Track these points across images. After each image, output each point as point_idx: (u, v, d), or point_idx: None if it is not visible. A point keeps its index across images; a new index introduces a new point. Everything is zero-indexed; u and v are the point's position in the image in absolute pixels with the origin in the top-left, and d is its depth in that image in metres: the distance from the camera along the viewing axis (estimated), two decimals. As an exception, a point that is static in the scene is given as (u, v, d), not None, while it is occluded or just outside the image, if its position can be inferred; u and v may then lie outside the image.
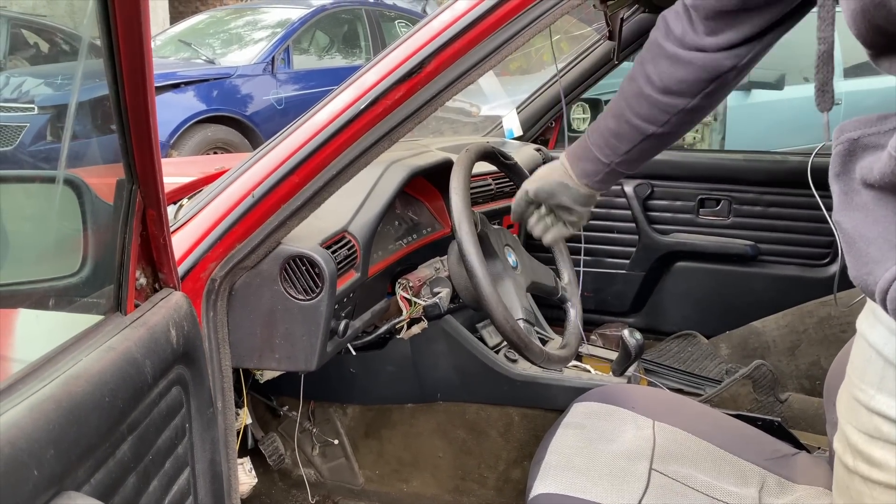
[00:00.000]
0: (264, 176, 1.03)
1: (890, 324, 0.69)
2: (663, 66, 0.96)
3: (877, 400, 0.71)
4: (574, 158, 1.13)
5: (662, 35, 0.96)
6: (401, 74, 0.99)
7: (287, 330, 1.12)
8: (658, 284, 2.37)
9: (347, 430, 1.75)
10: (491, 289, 1.14)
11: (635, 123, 1.01)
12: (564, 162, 1.14)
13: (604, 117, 1.07)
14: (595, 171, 1.10)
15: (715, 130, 4.46)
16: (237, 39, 5.72)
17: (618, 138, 1.04)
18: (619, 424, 1.41)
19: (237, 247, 1.08)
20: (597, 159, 1.08)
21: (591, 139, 1.09)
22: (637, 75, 0.99)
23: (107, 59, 0.62)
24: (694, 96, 0.97)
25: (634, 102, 1.00)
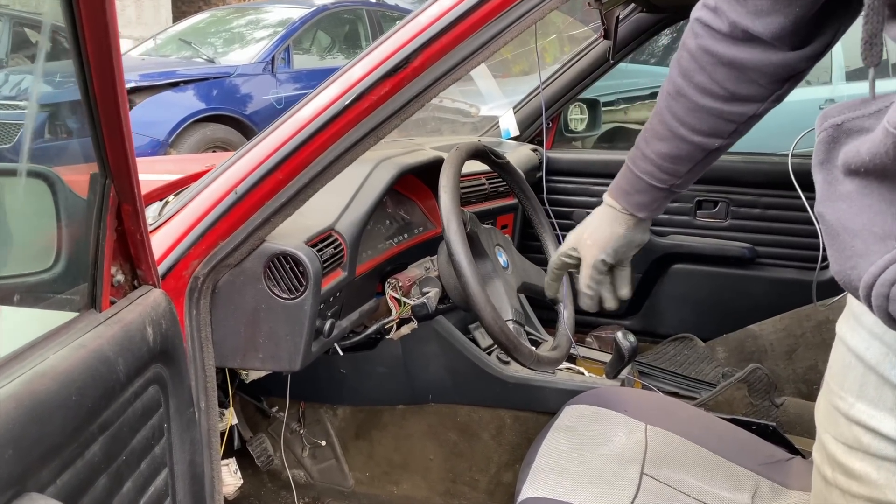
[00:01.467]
0: (247, 172, 1.01)
1: (872, 327, 0.66)
2: (721, 73, 0.85)
3: (857, 409, 0.67)
4: (622, 195, 1.00)
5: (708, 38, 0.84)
6: (386, 70, 0.97)
7: (271, 329, 1.10)
8: (655, 287, 2.34)
9: (337, 432, 1.73)
10: (479, 289, 1.12)
11: (697, 141, 0.91)
12: (613, 204, 1.01)
13: (647, 141, 0.96)
14: (653, 200, 0.99)
15: (715, 133, 4.44)
16: (238, 38, 5.71)
17: (675, 160, 0.94)
18: (611, 428, 1.39)
19: (220, 244, 1.06)
20: (652, 188, 0.97)
21: (640, 168, 0.97)
22: (684, 88, 0.88)
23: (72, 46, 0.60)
24: (765, 100, 0.87)
25: (691, 118, 0.89)
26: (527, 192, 1.45)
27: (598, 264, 1.03)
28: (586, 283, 1.05)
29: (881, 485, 0.66)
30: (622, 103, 4.17)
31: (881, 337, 0.65)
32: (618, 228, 1.01)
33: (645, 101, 4.26)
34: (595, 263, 1.03)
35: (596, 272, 1.04)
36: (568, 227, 2.36)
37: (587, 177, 2.34)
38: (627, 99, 4.18)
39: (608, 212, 1.02)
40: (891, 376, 0.64)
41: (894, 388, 0.64)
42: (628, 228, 1.01)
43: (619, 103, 4.16)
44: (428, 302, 1.26)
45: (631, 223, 1.01)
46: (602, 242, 1.02)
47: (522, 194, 1.45)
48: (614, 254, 1.03)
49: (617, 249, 1.03)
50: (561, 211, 2.38)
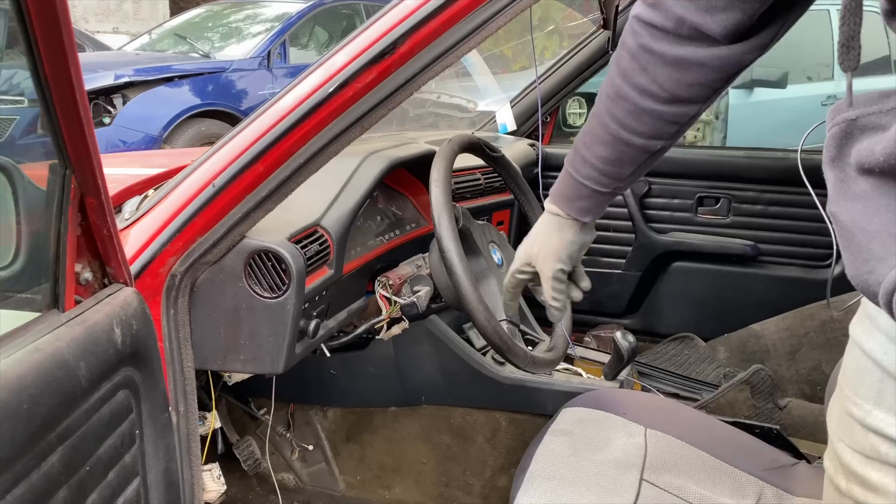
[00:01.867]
0: (226, 165, 0.96)
1: (889, 330, 0.62)
2: (662, 73, 0.81)
3: (873, 416, 0.63)
4: (565, 201, 0.97)
5: (648, 37, 0.81)
6: (372, 55, 0.92)
7: (252, 330, 1.05)
8: (655, 285, 2.29)
9: (327, 434, 1.68)
10: (471, 288, 1.07)
11: (639, 144, 0.87)
12: (557, 211, 0.98)
13: (587, 145, 0.92)
14: (596, 204, 0.96)
15: (716, 129, 4.40)
16: (234, 33, 5.65)
17: (617, 164, 0.90)
18: (609, 431, 1.34)
19: (198, 240, 1.01)
20: (594, 192, 0.94)
21: (581, 173, 0.93)
22: (624, 90, 0.84)
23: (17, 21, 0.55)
24: (707, 99, 0.84)
25: (632, 121, 0.86)
26: (522, 187, 1.40)
27: (557, 274, 1.00)
28: (551, 294, 1.02)
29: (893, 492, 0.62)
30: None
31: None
32: (566, 235, 0.99)
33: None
34: (555, 274, 1.00)
35: (557, 282, 1.01)
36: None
37: (586, 172, 2.28)
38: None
39: (553, 220, 0.99)
40: None
41: None
42: (576, 233, 0.99)
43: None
44: (418, 301, 1.20)
45: (577, 227, 0.98)
46: (555, 252, 0.99)
47: (518, 189, 1.40)
48: (569, 260, 1.01)
49: (571, 255, 1.00)
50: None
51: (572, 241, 0.99)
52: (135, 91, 4.58)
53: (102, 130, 4.42)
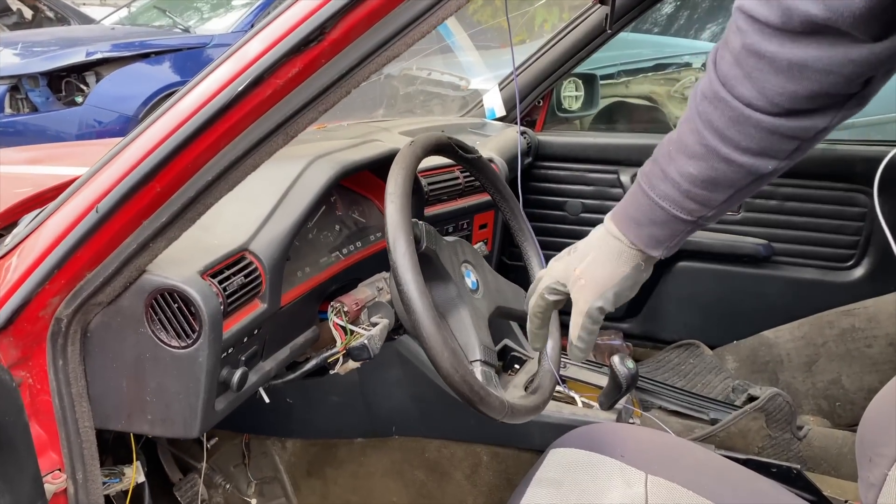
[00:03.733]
0: (112, 184, 0.75)
1: None
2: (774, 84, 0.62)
3: None
4: (632, 225, 0.76)
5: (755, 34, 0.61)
6: (294, 43, 0.70)
7: (160, 384, 0.84)
8: (657, 287, 2.09)
9: (287, 467, 1.49)
10: (434, 330, 0.87)
11: (743, 162, 0.67)
12: (619, 235, 0.77)
13: (671, 157, 0.71)
14: (672, 234, 0.74)
15: (723, 108, 4.15)
16: (217, 6, 5.38)
17: (710, 186, 0.70)
18: (605, 480, 1.15)
19: (86, 276, 0.80)
20: (674, 219, 0.73)
21: (659, 192, 0.72)
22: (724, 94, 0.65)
23: None
24: (841, 107, 0.64)
25: (735, 132, 0.66)
26: (503, 192, 1.18)
27: (593, 312, 0.79)
28: (578, 333, 0.81)
29: None
30: (623, 76, 3.86)
31: None
32: (622, 267, 0.77)
33: (648, 73, 3.96)
34: (590, 311, 0.79)
35: (591, 321, 0.80)
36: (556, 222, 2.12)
37: (583, 163, 2.07)
38: (629, 71, 3.87)
39: (611, 244, 0.78)
40: None
41: None
42: (635, 268, 0.78)
43: (619, 76, 3.86)
44: (370, 342, 1.00)
45: (640, 260, 0.77)
46: (601, 284, 0.78)
47: (498, 195, 1.19)
48: (615, 300, 0.79)
49: (619, 294, 0.79)
50: (553, 201, 2.12)
51: (627, 276, 0.78)
52: (109, 68, 4.32)
53: (74, 111, 4.18)
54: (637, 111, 3.81)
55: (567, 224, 2.12)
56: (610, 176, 2.04)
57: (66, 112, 4.17)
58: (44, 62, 4.20)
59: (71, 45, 4.36)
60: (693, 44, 4.37)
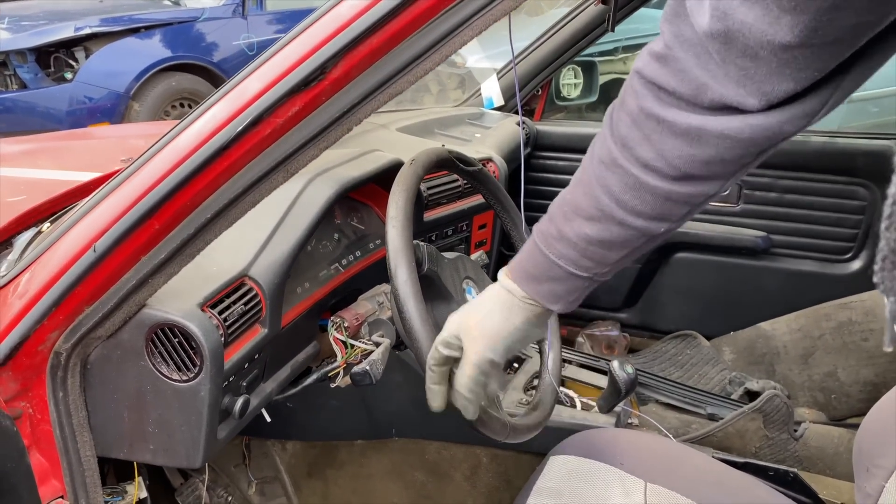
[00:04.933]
0: (110, 222, 0.74)
1: None
2: (672, 147, 0.62)
3: None
4: (528, 280, 0.76)
5: (654, 101, 0.62)
6: (295, 82, 0.68)
7: (161, 416, 0.84)
8: (655, 277, 2.09)
9: (288, 468, 1.50)
10: (436, 357, 0.86)
11: (637, 225, 0.67)
12: (513, 288, 0.77)
13: (566, 217, 0.72)
14: (569, 290, 0.74)
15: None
16: (207, -22, 5.27)
17: (605, 245, 0.70)
18: (604, 489, 1.16)
19: (85, 311, 0.79)
20: (570, 276, 0.73)
21: (555, 251, 0.73)
22: (621, 160, 0.65)
23: None
24: (731, 176, 0.64)
25: (630, 197, 0.66)
26: (505, 203, 1.17)
27: (483, 364, 0.78)
28: (465, 384, 0.80)
29: None
30: (622, 52, 3.82)
31: None
32: (514, 319, 0.77)
33: (646, 49, 3.91)
34: (479, 362, 0.78)
35: (479, 372, 0.78)
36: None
37: (582, 153, 2.04)
38: (628, 47, 3.82)
39: (504, 298, 0.77)
40: None
41: None
42: (527, 321, 0.77)
43: (618, 52, 3.81)
44: (371, 368, 0.99)
45: (532, 314, 0.77)
46: (492, 336, 0.77)
47: (500, 206, 1.17)
48: (506, 352, 0.79)
49: (510, 347, 0.79)
50: (551, 192, 2.10)
51: (518, 328, 0.77)
52: (98, 43, 4.24)
53: (64, 87, 4.11)
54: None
55: (565, 214, 2.11)
56: (609, 167, 2.02)
57: (56, 89, 4.11)
58: (32, 37, 4.12)
59: (59, 20, 4.27)
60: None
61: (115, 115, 4.17)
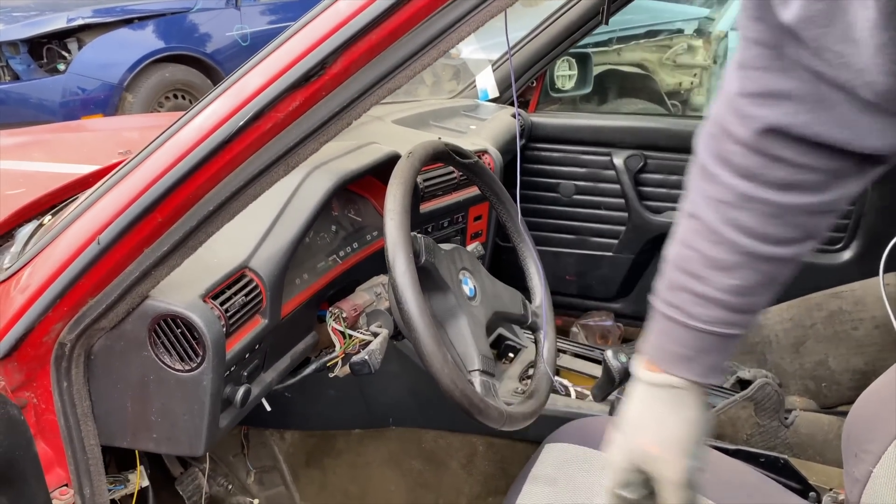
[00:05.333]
0: (113, 215, 0.75)
1: None
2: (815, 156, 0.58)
3: None
4: (681, 362, 0.67)
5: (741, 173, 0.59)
6: (295, 78, 0.70)
7: (164, 406, 0.86)
8: (649, 268, 2.11)
9: (286, 457, 1.52)
10: (434, 347, 0.88)
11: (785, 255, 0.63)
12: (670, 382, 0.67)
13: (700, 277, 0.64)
14: (725, 356, 0.67)
15: (715, 74, 4.13)
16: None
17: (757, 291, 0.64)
18: (598, 475, 1.18)
19: (89, 302, 0.81)
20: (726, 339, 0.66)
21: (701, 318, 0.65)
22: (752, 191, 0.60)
23: None
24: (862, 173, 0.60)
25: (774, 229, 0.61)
26: (501, 195, 1.19)
27: (690, 478, 0.68)
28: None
29: None
30: (615, 43, 3.82)
31: None
32: (689, 413, 0.68)
33: (640, 40, 3.92)
34: (685, 479, 0.67)
35: (690, 489, 0.69)
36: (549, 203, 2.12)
37: (576, 144, 2.07)
38: (621, 38, 3.83)
39: (663, 395, 0.68)
40: None
41: None
42: (699, 408, 0.68)
43: (612, 43, 3.82)
44: (370, 358, 1.01)
45: (701, 398, 0.68)
46: (679, 444, 0.67)
47: (496, 198, 1.19)
48: (700, 451, 0.68)
49: (700, 443, 0.69)
50: (546, 183, 2.12)
51: (697, 420, 0.68)
52: (91, 34, 4.23)
53: (57, 79, 4.10)
54: (629, 79, 3.78)
55: (560, 206, 2.13)
56: (603, 158, 2.04)
57: (49, 80, 4.10)
58: (24, 28, 4.10)
59: (51, 10, 4.26)
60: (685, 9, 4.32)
61: (109, 106, 4.16)
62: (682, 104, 4.02)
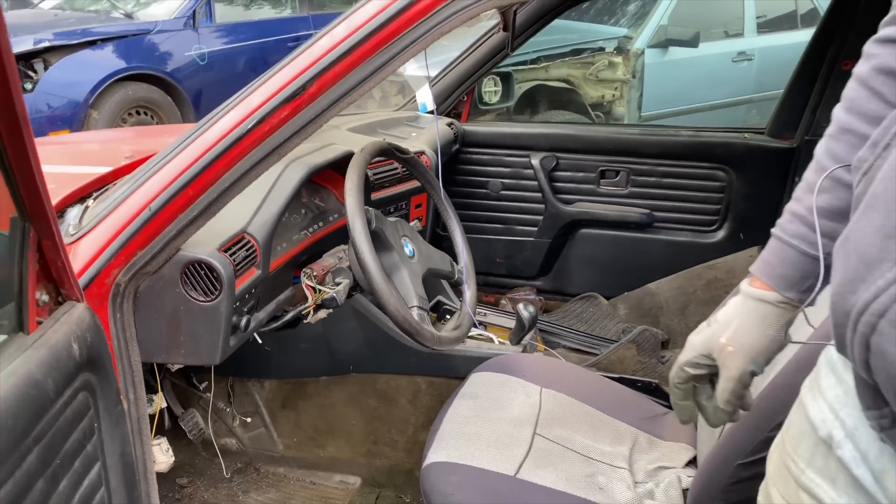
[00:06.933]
0: (160, 190, 1.10)
1: (832, 402, 0.68)
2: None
3: (806, 475, 0.69)
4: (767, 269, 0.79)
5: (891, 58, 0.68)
6: (285, 96, 1.06)
7: (190, 328, 1.20)
8: (563, 250, 2.52)
9: (265, 403, 1.86)
10: (384, 284, 1.25)
11: None
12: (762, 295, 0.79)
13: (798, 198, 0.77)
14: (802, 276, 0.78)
15: (633, 87, 4.60)
16: (153, -9, 5.52)
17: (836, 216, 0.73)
18: (510, 392, 1.56)
19: (138, 254, 1.15)
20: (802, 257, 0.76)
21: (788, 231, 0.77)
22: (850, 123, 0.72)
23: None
24: None
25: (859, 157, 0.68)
26: (432, 182, 1.57)
27: (745, 377, 0.81)
28: (727, 398, 0.83)
29: None
30: (543, 61, 4.27)
31: (837, 413, 0.67)
32: (769, 329, 0.79)
33: (566, 58, 4.37)
34: (742, 376, 0.81)
35: (742, 386, 0.82)
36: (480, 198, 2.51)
37: (501, 148, 2.47)
38: (549, 56, 4.28)
39: (756, 308, 0.79)
40: (839, 452, 0.66)
41: (839, 463, 0.66)
42: (779, 329, 0.80)
43: (540, 61, 4.26)
44: (337, 295, 1.38)
45: (784, 320, 0.80)
46: (753, 349, 0.80)
47: (429, 185, 1.57)
48: (764, 363, 0.82)
49: (768, 358, 0.82)
50: (477, 181, 2.51)
51: (774, 338, 0.80)
52: (56, 55, 4.48)
53: (26, 97, 4.33)
54: (556, 93, 4.23)
55: (490, 200, 2.52)
56: (523, 159, 2.44)
57: (17, 99, 4.32)
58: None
59: (16, 33, 4.49)
60: (606, 29, 4.81)
61: (76, 122, 4.42)
62: (604, 114, 4.48)
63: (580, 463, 1.40)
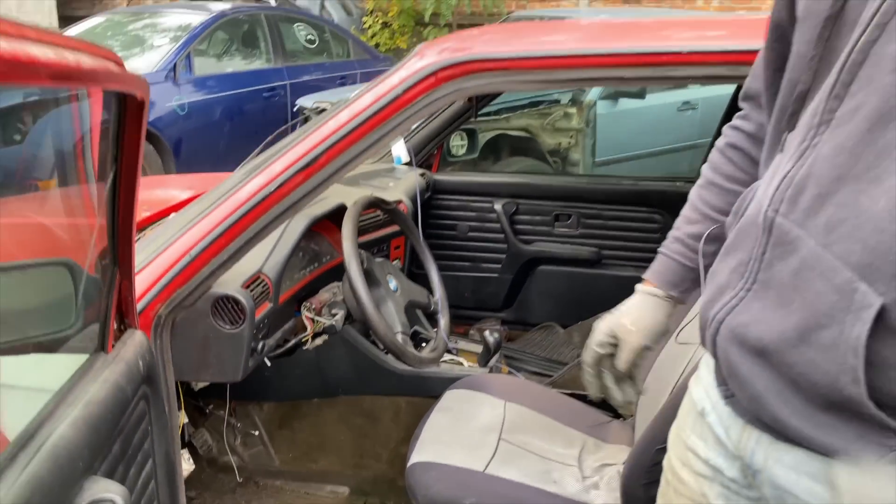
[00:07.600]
0: (198, 240, 1.38)
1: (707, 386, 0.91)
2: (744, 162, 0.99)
3: (691, 439, 0.93)
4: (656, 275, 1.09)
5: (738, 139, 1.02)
6: (300, 165, 1.36)
7: (218, 351, 1.47)
8: (524, 285, 2.83)
9: (264, 423, 2.11)
10: (375, 313, 1.54)
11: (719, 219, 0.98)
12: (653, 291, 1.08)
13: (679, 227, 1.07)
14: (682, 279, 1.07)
15: (587, 135, 4.98)
16: (137, 44, 5.77)
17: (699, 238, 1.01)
18: (479, 406, 1.84)
19: (177, 291, 1.42)
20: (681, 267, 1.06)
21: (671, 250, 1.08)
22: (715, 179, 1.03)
23: (109, 188, 0.97)
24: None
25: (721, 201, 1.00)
26: (412, 228, 1.87)
27: (640, 349, 1.06)
28: (625, 366, 1.07)
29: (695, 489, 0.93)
30: (504, 112, 4.63)
31: (708, 392, 0.91)
32: (660, 315, 1.07)
33: (524, 109, 4.74)
34: (638, 348, 1.06)
35: (637, 356, 1.07)
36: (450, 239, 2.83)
37: (467, 195, 2.79)
38: (509, 108, 4.64)
39: (649, 300, 1.08)
40: (708, 419, 0.91)
41: (708, 427, 0.90)
42: (667, 316, 1.08)
43: (501, 112, 4.62)
44: (336, 324, 1.66)
45: (669, 310, 1.08)
46: (648, 329, 1.06)
47: (408, 230, 1.87)
48: (654, 341, 1.07)
49: (656, 338, 1.08)
50: (448, 224, 2.83)
51: (663, 322, 1.07)
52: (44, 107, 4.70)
53: (16, 149, 4.55)
54: (517, 141, 4.59)
55: (458, 241, 2.83)
56: (487, 205, 2.77)
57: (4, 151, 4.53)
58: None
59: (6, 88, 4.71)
60: (562, 82, 5.21)
61: (63, 171, 4.63)
62: (561, 160, 4.85)
63: (538, 462, 1.68)
